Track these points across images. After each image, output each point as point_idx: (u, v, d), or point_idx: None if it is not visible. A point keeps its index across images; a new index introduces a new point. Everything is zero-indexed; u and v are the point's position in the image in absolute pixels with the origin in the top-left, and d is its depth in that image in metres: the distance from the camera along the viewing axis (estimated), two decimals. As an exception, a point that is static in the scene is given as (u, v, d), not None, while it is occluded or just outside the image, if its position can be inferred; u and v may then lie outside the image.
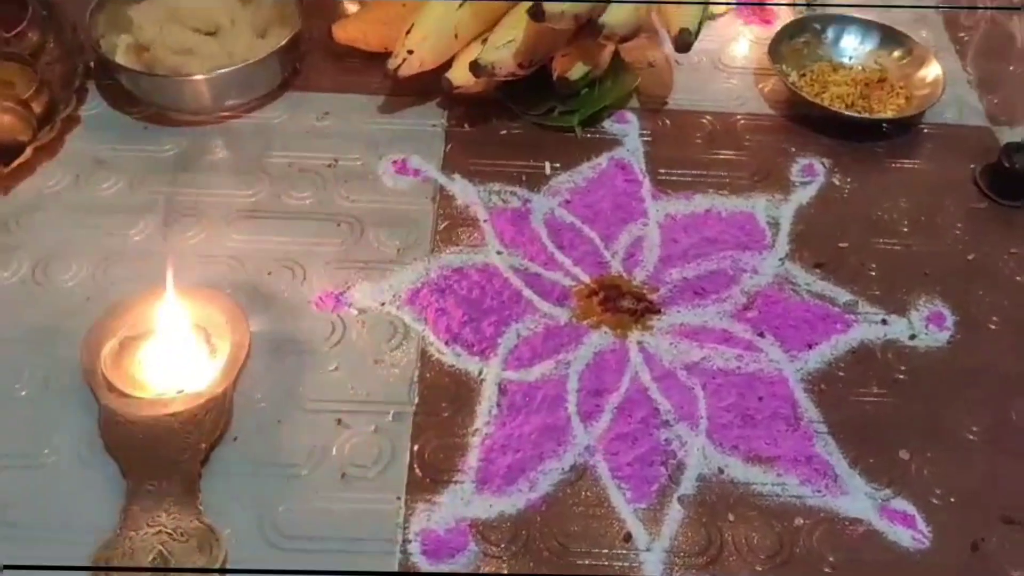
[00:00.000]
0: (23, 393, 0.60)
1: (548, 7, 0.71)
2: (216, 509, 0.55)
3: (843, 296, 0.69)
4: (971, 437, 0.62)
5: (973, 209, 0.76)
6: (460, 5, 0.77)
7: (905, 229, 0.74)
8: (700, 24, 0.76)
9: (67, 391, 0.60)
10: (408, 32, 0.76)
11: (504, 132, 0.80)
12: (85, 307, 0.65)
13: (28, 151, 0.72)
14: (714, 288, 0.69)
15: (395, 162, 0.77)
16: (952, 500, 0.59)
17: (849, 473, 0.60)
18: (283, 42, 0.78)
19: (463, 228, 0.72)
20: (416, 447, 0.59)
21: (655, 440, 0.60)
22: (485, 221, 0.73)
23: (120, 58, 0.78)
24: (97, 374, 0.59)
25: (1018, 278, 0.71)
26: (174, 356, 0.60)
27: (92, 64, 0.80)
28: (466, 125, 0.80)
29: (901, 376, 0.65)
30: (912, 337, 0.67)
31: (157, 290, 0.61)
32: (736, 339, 0.66)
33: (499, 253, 0.70)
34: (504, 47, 0.75)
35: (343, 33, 0.83)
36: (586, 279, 0.69)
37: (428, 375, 0.63)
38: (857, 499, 0.58)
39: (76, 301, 0.65)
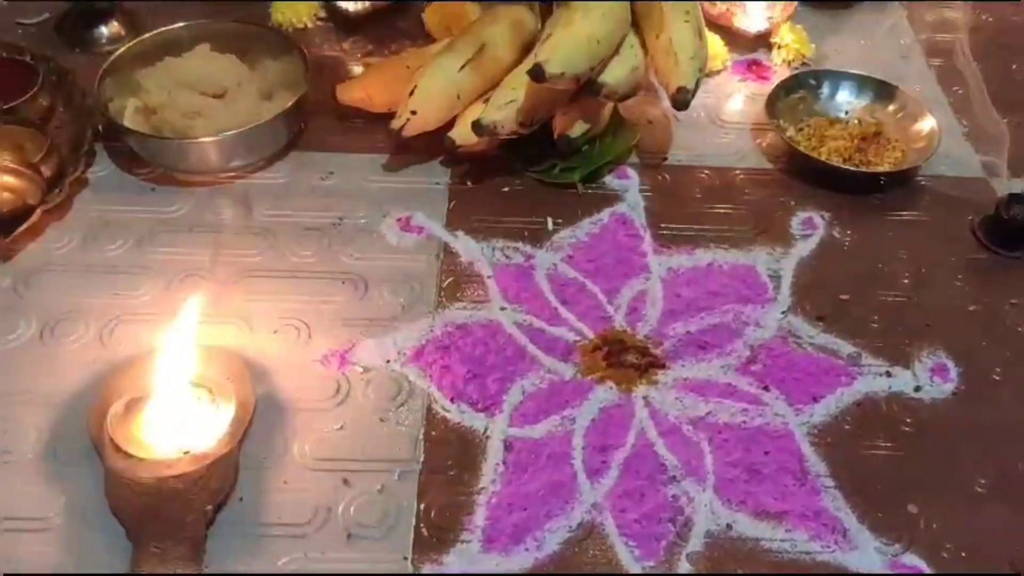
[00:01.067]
0: (29, 455, 0.60)
1: (548, 68, 0.72)
2: (221, 571, 0.55)
3: (846, 348, 0.69)
4: (980, 490, 0.62)
5: (973, 260, 0.77)
6: (462, 67, 0.78)
7: (906, 281, 0.75)
8: (697, 82, 0.77)
9: (73, 453, 0.60)
10: (411, 93, 0.78)
11: (506, 189, 0.81)
12: (92, 368, 0.65)
13: (37, 214, 0.72)
14: (718, 342, 0.69)
15: (399, 220, 0.77)
16: (963, 555, 0.58)
17: (858, 528, 0.59)
18: (289, 104, 0.79)
19: (467, 284, 0.73)
20: (422, 506, 0.59)
21: (662, 496, 0.60)
22: (489, 277, 0.73)
23: (128, 121, 0.80)
24: (103, 435, 0.59)
25: (1020, 329, 0.72)
26: (180, 416, 0.60)
27: (100, 127, 0.82)
28: (469, 182, 0.81)
29: (907, 429, 0.65)
30: (917, 389, 0.67)
31: (163, 350, 0.62)
32: (741, 393, 0.66)
33: (503, 309, 0.71)
34: (506, 107, 0.76)
35: (347, 94, 0.84)
36: (590, 334, 0.69)
37: (433, 433, 0.63)
38: (867, 554, 0.58)
39: (83, 362, 0.66)
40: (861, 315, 0.72)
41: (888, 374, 0.68)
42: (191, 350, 0.62)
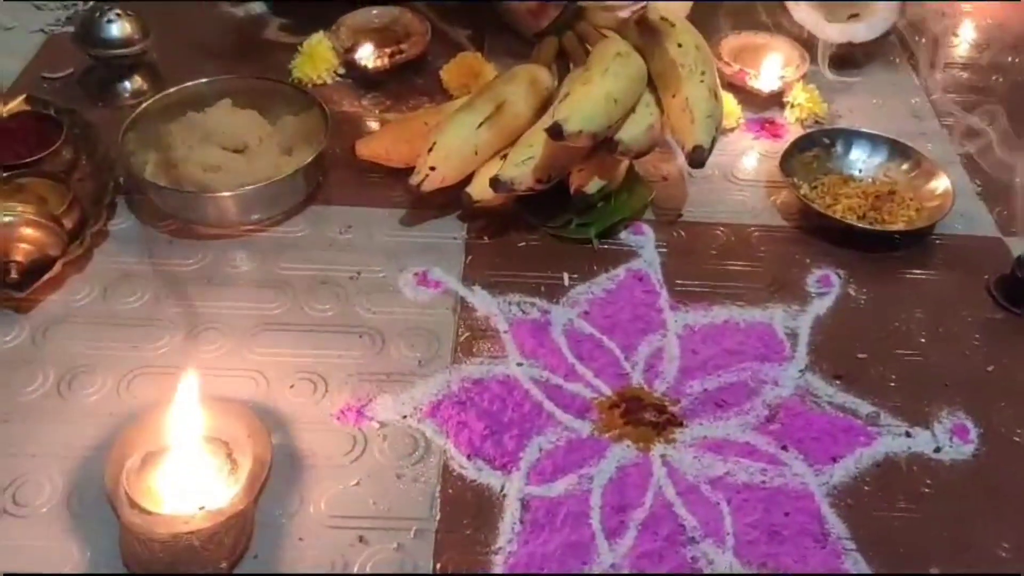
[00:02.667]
0: (44, 509, 0.60)
1: (567, 126, 0.73)
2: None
3: (865, 408, 0.69)
4: (1003, 554, 0.61)
5: (989, 320, 0.77)
6: (480, 124, 0.79)
7: (923, 340, 0.74)
8: (713, 140, 0.78)
9: (89, 507, 0.60)
10: (430, 149, 0.79)
11: (523, 244, 0.81)
12: (108, 422, 0.65)
13: (57, 266, 0.73)
14: (735, 400, 0.69)
15: (416, 274, 0.78)
16: (987, 621, 0.57)
17: (880, 592, 0.58)
18: (308, 159, 0.80)
19: (484, 339, 0.73)
20: (438, 565, 0.58)
21: (681, 558, 0.59)
22: (505, 332, 0.73)
23: (149, 174, 0.81)
24: (119, 490, 0.59)
25: (1039, 389, 0.71)
26: (196, 472, 0.60)
27: (122, 180, 0.82)
28: (486, 237, 0.82)
29: (927, 490, 0.64)
30: (937, 450, 0.67)
31: (180, 405, 0.62)
32: (760, 452, 0.66)
33: (520, 364, 0.71)
34: (523, 163, 0.77)
35: (366, 149, 0.86)
36: (607, 391, 0.69)
37: (450, 490, 0.62)
38: (890, 620, 0.57)
39: (100, 415, 0.66)
40: (879, 374, 0.72)
41: (908, 434, 0.67)
42: (208, 405, 0.62)
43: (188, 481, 0.59)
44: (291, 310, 0.74)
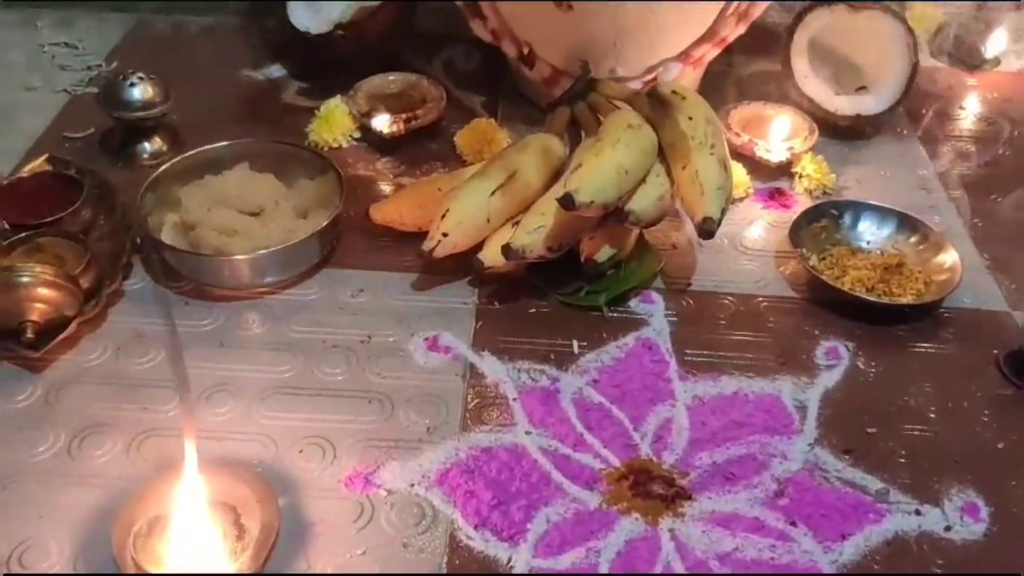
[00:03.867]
0: (50, 573, 0.60)
1: (579, 197, 0.74)
2: None
3: (874, 484, 0.69)
4: (1015, 638, 0.60)
5: (999, 396, 0.76)
6: (493, 192, 0.80)
7: (932, 415, 0.74)
8: (723, 212, 0.79)
9: (94, 571, 0.60)
10: (443, 216, 0.80)
11: (533, 311, 0.82)
12: (117, 484, 0.65)
13: (72, 326, 0.74)
14: (744, 474, 0.69)
15: (426, 339, 0.78)
16: None
17: (891, 676, 0.58)
18: (323, 224, 0.81)
19: (493, 407, 0.73)
20: (444, 639, 0.58)
21: (689, 636, 0.59)
22: (514, 400, 0.73)
23: (166, 236, 0.82)
24: (126, 554, 0.59)
25: (1051, 468, 0.71)
26: (203, 537, 0.60)
27: (138, 240, 0.84)
28: (496, 303, 0.82)
29: (938, 571, 0.63)
30: (947, 529, 0.66)
31: (188, 468, 0.62)
32: (769, 528, 0.65)
33: (528, 433, 0.71)
34: (535, 232, 0.78)
35: (380, 214, 0.87)
36: (616, 462, 0.69)
37: (456, 561, 0.62)
38: None
39: (108, 477, 0.66)
40: (888, 449, 0.71)
41: (918, 512, 0.67)
42: (216, 469, 0.62)
43: (195, 547, 0.59)
44: (302, 374, 0.75)
